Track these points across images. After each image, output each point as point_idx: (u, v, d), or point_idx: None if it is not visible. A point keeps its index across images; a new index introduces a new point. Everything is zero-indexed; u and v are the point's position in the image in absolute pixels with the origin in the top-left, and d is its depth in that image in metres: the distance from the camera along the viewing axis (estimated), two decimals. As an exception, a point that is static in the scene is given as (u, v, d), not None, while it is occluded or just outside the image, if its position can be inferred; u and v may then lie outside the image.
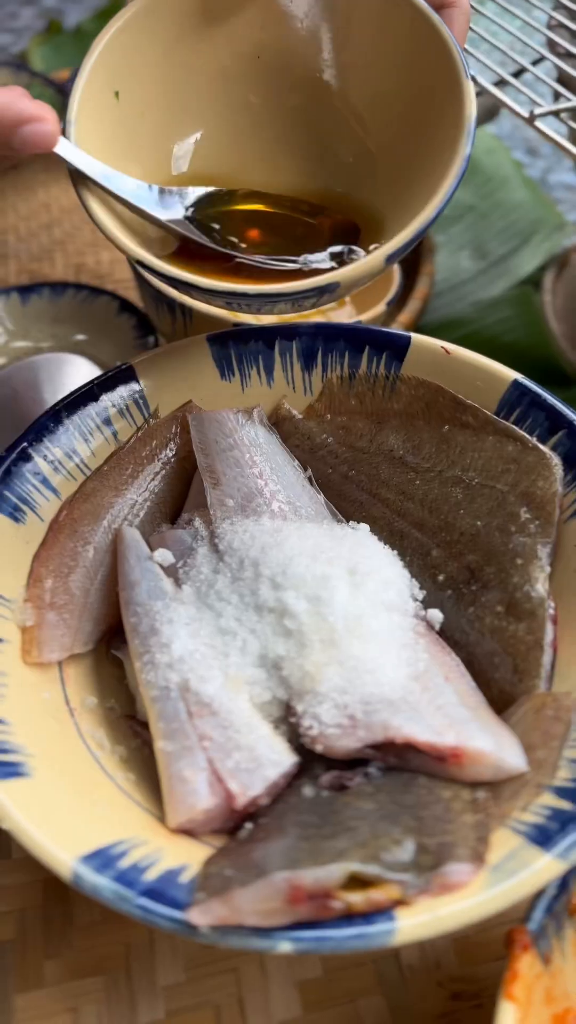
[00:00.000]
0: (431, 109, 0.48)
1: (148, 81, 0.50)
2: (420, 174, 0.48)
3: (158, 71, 0.51)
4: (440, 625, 0.49)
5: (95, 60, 0.47)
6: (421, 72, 0.48)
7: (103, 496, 0.52)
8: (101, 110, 0.47)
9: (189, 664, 0.44)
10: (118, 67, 0.48)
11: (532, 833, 0.35)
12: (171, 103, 0.52)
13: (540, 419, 0.50)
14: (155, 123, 0.52)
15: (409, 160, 0.50)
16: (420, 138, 0.49)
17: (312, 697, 0.43)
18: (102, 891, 0.34)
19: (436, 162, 0.46)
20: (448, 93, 0.46)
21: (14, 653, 0.45)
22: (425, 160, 0.48)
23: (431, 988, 0.44)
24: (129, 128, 0.50)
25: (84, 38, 1.46)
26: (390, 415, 0.56)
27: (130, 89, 0.49)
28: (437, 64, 0.47)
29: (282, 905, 0.32)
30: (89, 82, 0.47)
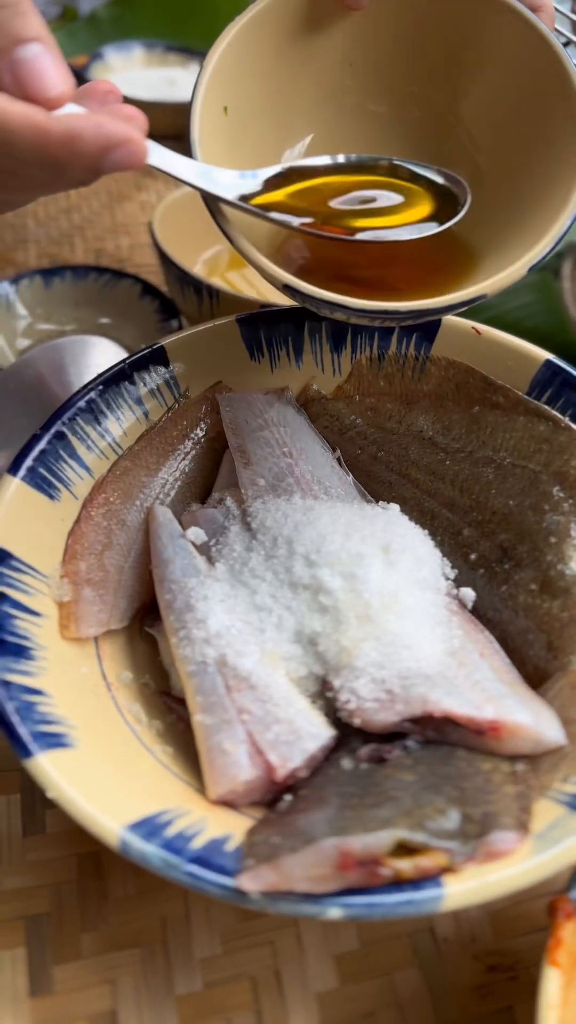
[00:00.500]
0: (544, 120, 0.49)
1: (255, 94, 0.51)
2: (537, 191, 0.48)
3: (265, 83, 0.51)
4: (472, 604, 0.49)
5: (208, 78, 0.47)
6: (534, 90, 0.49)
7: (135, 475, 0.52)
8: (215, 127, 0.48)
9: (226, 639, 0.45)
10: (226, 83, 0.49)
11: (574, 803, 0.36)
12: (278, 113, 0.53)
13: (573, 399, 0.50)
14: (263, 133, 0.52)
15: (520, 179, 0.51)
16: (533, 156, 0.50)
17: (349, 672, 0.43)
18: (151, 859, 0.34)
19: (558, 173, 0.47)
20: (561, 104, 0.47)
21: (52, 628, 0.45)
22: (541, 176, 0.49)
23: (466, 961, 0.44)
24: (239, 141, 0.50)
25: (99, 24, 1.46)
26: (419, 396, 0.56)
27: (238, 103, 0.50)
28: (546, 73, 0.48)
29: (332, 871, 0.33)
30: (205, 101, 0.47)
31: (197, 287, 0.64)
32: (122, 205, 0.98)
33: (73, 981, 0.44)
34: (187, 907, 0.46)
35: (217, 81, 0.48)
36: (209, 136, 0.47)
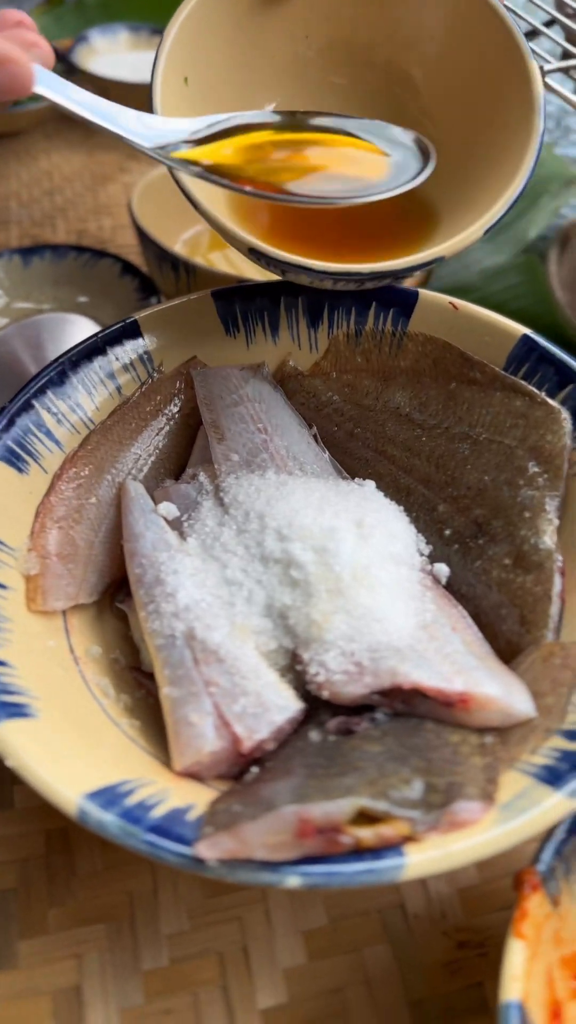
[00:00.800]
0: (496, 90, 0.50)
1: (215, 63, 0.51)
2: (491, 157, 0.50)
3: (224, 54, 0.52)
4: (447, 579, 0.49)
5: (168, 49, 0.48)
6: (487, 61, 0.50)
7: (107, 450, 0.52)
8: (176, 97, 0.48)
9: (195, 613, 0.44)
10: (186, 54, 0.49)
11: (542, 774, 0.35)
12: (238, 83, 0.53)
13: (549, 374, 0.50)
14: (223, 104, 0.52)
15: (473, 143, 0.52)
16: (485, 122, 0.51)
17: (319, 645, 0.42)
18: (108, 827, 0.33)
19: (510, 141, 0.49)
20: (513, 72, 0.49)
21: (19, 600, 0.44)
22: (492, 141, 0.50)
23: (436, 937, 0.44)
24: (200, 110, 0.50)
25: (85, 9, 1.44)
26: (397, 372, 0.55)
27: (198, 73, 0.50)
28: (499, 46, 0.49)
29: (291, 839, 0.32)
30: (165, 70, 0.48)
31: (174, 263, 0.63)
32: (105, 187, 0.97)
33: (38, 956, 0.43)
34: (155, 883, 0.46)
35: (177, 52, 0.48)
36: (170, 106, 0.47)
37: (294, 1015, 0.42)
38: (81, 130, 1.08)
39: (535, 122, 0.48)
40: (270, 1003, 0.42)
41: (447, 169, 0.51)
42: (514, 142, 0.48)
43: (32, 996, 0.42)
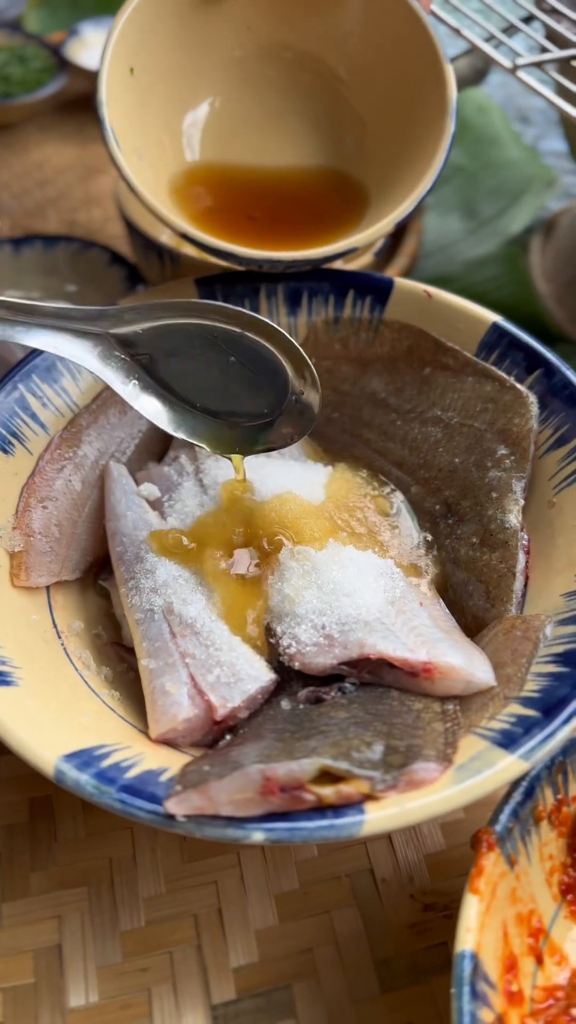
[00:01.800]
0: (416, 89, 0.53)
1: (160, 56, 0.54)
2: (409, 154, 0.53)
3: (168, 47, 0.54)
4: (418, 558, 0.50)
5: (115, 41, 0.51)
6: (404, 56, 0.53)
7: (91, 433, 0.53)
8: (121, 87, 0.51)
9: (173, 588, 0.46)
10: (133, 45, 0.52)
11: (497, 737, 0.37)
12: (180, 75, 0.56)
13: (518, 359, 0.51)
14: (167, 94, 0.55)
15: (397, 139, 0.54)
16: (407, 120, 0.54)
17: (291, 619, 0.44)
18: (83, 786, 0.35)
19: (425, 139, 0.51)
20: (431, 76, 0.51)
21: (3, 576, 0.46)
22: (412, 138, 0.53)
23: (404, 900, 0.46)
24: (144, 100, 0.53)
25: (78, 2, 1.45)
26: (373, 359, 0.57)
27: (143, 64, 0.53)
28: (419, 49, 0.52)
29: (256, 796, 0.34)
30: (111, 62, 0.50)
31: (159, 252, 0.65)
32: (96, 178, 0.99)
33: (21, 916, 0.45)
34: (134, 848, 0.47)
35: (124, 44, 0.51)
36: (116, 96, 0.50)
37: (265, 973, 0.44)
38: (74, 122, 1.09)
39: (447, 124, 0.50)
40: (242, 962, 0.44)
41: (379, 157, 0.55)
42: (428, 142, 0.51)
43: (14, 954, 0.44)
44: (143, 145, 0.53)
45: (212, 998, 0.43)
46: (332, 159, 0.59)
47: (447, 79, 0.50)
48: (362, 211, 0.56)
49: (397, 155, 0.54)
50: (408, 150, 0.53)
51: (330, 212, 0.56)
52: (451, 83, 0.50)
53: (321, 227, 0.55)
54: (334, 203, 0.57)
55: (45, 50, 1.12)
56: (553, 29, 0.67)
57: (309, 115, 0.58)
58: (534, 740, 0.36)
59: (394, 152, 0.54)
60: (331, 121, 0.57)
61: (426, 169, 0.50)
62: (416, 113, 0.53)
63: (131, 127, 0.52)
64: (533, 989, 0.39)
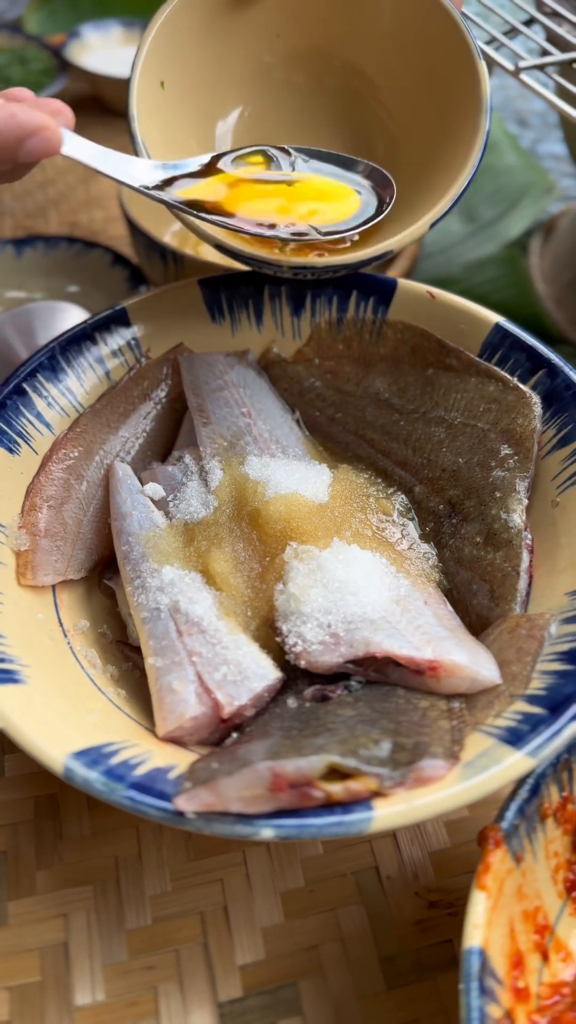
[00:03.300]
0: (448, 88, 0.53)
1: (188, 68, 0.54)
2: (441, 154, 0.53)
3: (196, 58, 0.55)
4: (422, 557, 0.50)
5: (145, 55, 0.51)
6: (436, 55, 0.53)
7: (96, 432, 0.53)
8: (152, 101, 0.52)
9: (179, 587, 0.46)
10: (161, 60, 0.52)
11: (504, 735, 0.37)
12: (210, 85, 0.56)
13: (521, 360, 0.52)
14: (198, 105, 0.56)
15: (430, 139, 0.54)
16: (441, 119, 0.54)
17: (297, 617, 0.44)
18: (92, 783, 0.35)
19: (459, 141, 0.51)
20: (464, 74, 0.51)
21: (9, 575, 0.46)
22: (449, 140, 0.53)
23: (408, 898, 0.46)
24: (175, 112, 0.54)
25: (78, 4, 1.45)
26: (377, 359, 0.57)
27: (173, 78, 0.54)
28: (451, 47, 0.52)
29: (265, 792, 0.34)
30: (141, 77, 0.51)
31: (162, 253, 0.65)
32: (97, 179, 0.99)
33: (27, 915, 0.45)
34: (140, 847, 0.47)
35: (154, 57, 0.51)
36: (146, 110, 0.50)
37: (271, 971, 0.44)
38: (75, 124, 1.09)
39: (482, 121, 0.50)
40: (248, 960, 0.44)
41: (410, 159, 0.55)
42: (462, 140, 0.51)
43: (21, 953, 0.44)
44: (175, 158, 0.53)
45: (219, 996, 0.43)
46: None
47: (481, 76, 0.50)
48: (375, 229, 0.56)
49: (430, 157, 0.54)
50: (441, 150, 0.53)
51: None
52: (485, 80, 0.50)
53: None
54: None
55: (46, 52, 1.13)
56: (554, 32, 0.67)
57: (339, 120, 0.58)
58: (541, 737, 0.36)
59: (426, 153, 0.55)
60: (361, 126, 0.58)
61: (461, 168, 0.50)
62: (449, 111, 0.53)
63: (163, 141, 0.52)
64: (539, 986, 0.39)
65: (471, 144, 0.50)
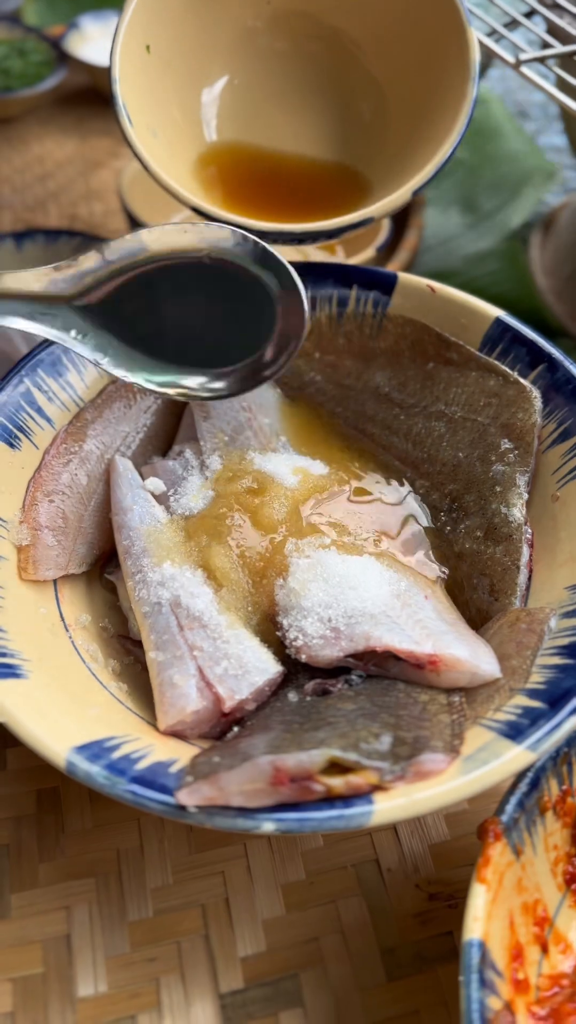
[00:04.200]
0: (436, 54, 0.52)
1: (175, 33, 0.54)
2: (428, 122, 0.53)
3: (183, 23, 0.54)
4: (422, 551, 0.51)
5: (128, 18, 0.51)
6: (426, 19, 0.53)
7: (97, 427, 0.53)
8: (136, 65, 0.52)
9: (180, 581, 0.46)
10: (147, 23, 0.52)
11: (504, 729, 0.37)
12: (197, 52, 0.56)
13: (521, 354, 0.52)
14: (183, 71, 0.56)
15: (416, 106, 0.54)
16: (429, 87, 0.53)
17: (297, 612, 0.44)
18: (95, 777, 0.35)
19: (445, 108, 0.51)
20: (453, 40, 0.51)
21: (11, 570, 0.46)
22: (435, 108, 0.53)
23: (409, 890, 0.46)
24: (160, 78, 0.54)
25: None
26: (377, 353, 0.57)
27: (159, 42, 0.53)
28: (440, 12, 0.52)
29: (266, 787, 0.34)
30: (125, 40, 0.51)
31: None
32: (97, 172, 0.99)
33: (29, 907, 0.45)
34: (141, 840, 0.48)
35: (140, 19, 0.51)
36: (130, 73, 0.51)
37: (272, 962, 0.44)
38: (74, 116, 1.09)
39: (469, 88, 0.50)
40: (250, 951, 0.44)
41: (391, 132, 0.56)
42: (449, 108, 0.51)
43: (23, 945, 0.44)
44: (158, 124, 0.53)
45: (220, 987, 0.43)
46: (346, 141, 0.59)
47: (470, 42, 0.50)
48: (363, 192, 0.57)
49: (417, 125, 0.54)
50: (428, 119, 0.53)
51: (333, 195, 0.57)
52: (474, 46, 0.50)
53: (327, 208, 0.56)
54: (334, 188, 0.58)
55: (45, 43, 1.12)
56: (555, 24, 0.67)
57: (325, 87, 0.58)
58: (541, 731, 0.36)
59: (414, 121, 0.55)
60: (349, 93, 0.57)
61: (446, 137, 0.50)
62: (437, 78, 0.53)
63: (145, 105, 0.52)
64: (539, 977, 0.39)
65: (457, 111, 0.50)
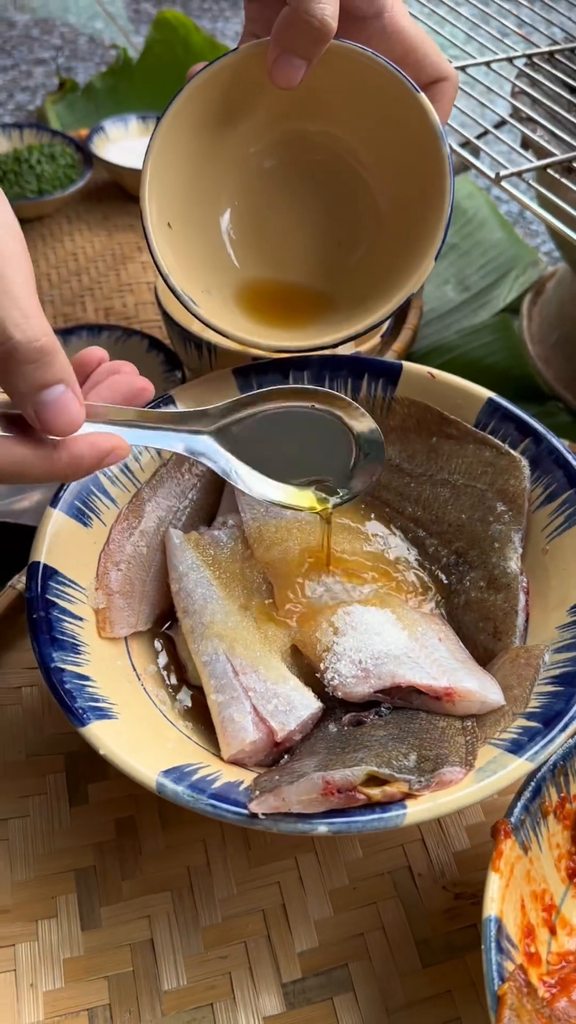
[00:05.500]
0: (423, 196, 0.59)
1: (185, 198, 0.62)
2: (408, 253, 0.61)
3: (189, 183, 0.62)
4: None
5: (147, 198, 0.58)
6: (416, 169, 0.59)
7: (152, 504, 0.63)
8: (165, 243, 0.60)
9: (233, 635, 0.55)
10: (162, 199, 0.59)
11: (508, 745, 0.46)
12: (204, 207, 0.64)
13: (510, 429, 0.61)
14: (197, 232, 0.64)
15: (406, 216, 0.62)
16: (413, 193, 0.61)
17: (332, 656, 0.53)
18: (180, 795, 0.44)
19: (424, 244, 0.59)
20: (436, 194, 0.58)
21: (91, 629, 0.55)
22: (419, 214, 0.60)
23: (437, 891, 0.54)
24: (183, 250, 0.62)
25: (95, 95, 1.59)
26: (387, 430, 0.66)
27: (175, 214, 0.61)
28: (430, 169, 0.58)
29: (319, 797, 0.43)
30: (154, 225, 0.59)
31: (197, 343, 0.75)
32: (126, 266, 1.10)
33: (117, 918, 0.53)
34: (208, 858, 0.56)
35: (155, 200, 0.58)
36: (164, 252, 0.59)
37: (325, 955, 0.52)
38: (99, 213, 1.21)
39: (437, 238, 0.58)
40: (305, 947, 0.52)
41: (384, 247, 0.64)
42: (422, 254, 0.59)
43: (114, 948, 0.52)
44: (207, 284, 0.62)
45: (282, 978, 0.51)
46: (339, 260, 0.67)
47: (446, 198, 0.57)
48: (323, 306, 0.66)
49: (401, 250, 0.62)
50: (408, 250, 0.61)
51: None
52: (448, 200, 0.57)
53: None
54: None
55: (72, 147, 1.24)
56: (529, 137, 0.78)
57: (323, 191, 0.65)
58: (537, 745, 0.45)
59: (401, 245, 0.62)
60: (349, 202, 0.65)
61: (410, 278, 0.59)
62: (419, 220, 0.60)
63: (191, 272, 0.61)
64: (548, 954, 0.47)
65: (438, 221, 0.57)
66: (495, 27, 0.92)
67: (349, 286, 0.66)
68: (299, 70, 0.53)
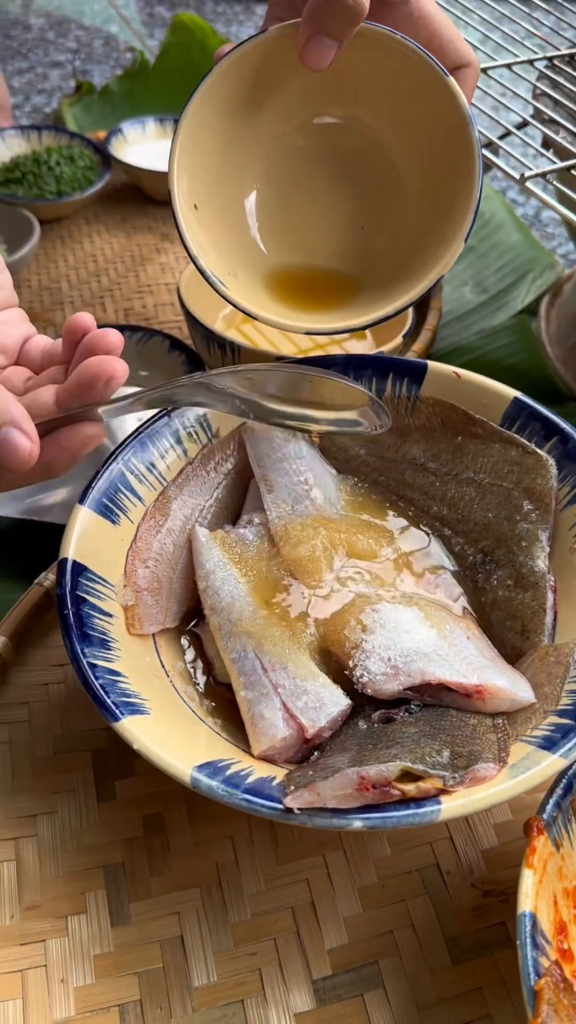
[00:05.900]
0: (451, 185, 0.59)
1: (213, 180, 0.62)
2: (433, 244, 0.60)
3: (218, 167, 0.62)
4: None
5: (175, 181, 0.58)
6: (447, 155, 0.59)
7: (179, 502, 0.63)
8: (193, 225, 0.60)
9: (260, 632, 0.55)
10: (189, 182, 0.59)
11: (541, 742, 0.46)
12: (231, 190, 0.64)
13: (537, 428, 0.61)
14: (223, 214, 0.64)
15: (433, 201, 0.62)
16: (441, 179, 0.60)
17: (362, 653, 0.53)
18: (215, 790, 0.44)
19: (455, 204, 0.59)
20: (465, 177, 0.58)
21: (121, 626, 0.55)
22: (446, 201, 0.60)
23: (466, 888, 0.54)
24: (209, 230, 0.62)
25: (111, 98, 1.60)
26: (412, 429, 0.67)
27: (201, 196, 0.61)
28: (459, 153, 0.58)
29: (353, 792, 0.43)
30: (182, 207, 0.59)
31: (221, 343, 0.75)
32: (145, 267, 1.10)
33: (147, 914, 0.54)
34: (236, 855, 0.56)
35: (183, 182, 0.58)
36: (192, 233, 0.59)
37: (355, 952, 0.52)
38: (117, 215, 1.21)
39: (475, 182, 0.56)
40: (335, 944, 0.52)
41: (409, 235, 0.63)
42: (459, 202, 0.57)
43: (145, 944, 0.52)
44: (233, 265, 0.62)
45: (313, 974, 0.51)
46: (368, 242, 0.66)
47: (474, 187, 0.56)
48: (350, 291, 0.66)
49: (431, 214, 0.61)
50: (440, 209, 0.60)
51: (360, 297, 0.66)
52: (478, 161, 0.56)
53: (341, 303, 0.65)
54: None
55: (90, 148, 1.24)
56: (551, 138, 0.78)
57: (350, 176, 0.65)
58: (571, 742, 0.45)
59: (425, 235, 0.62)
60: (376, 190, 0.64)
61: (434, 266, 0.58)
62: (446, 210, 0.59)
63: (220, 254, 0.61)
64: (580, 951, 0.47)
65: (466, 208, 0.56)
66: (509, 28, 0.92)
67: (375, 270, 0.65)
68: (330, 51, 0.53)
